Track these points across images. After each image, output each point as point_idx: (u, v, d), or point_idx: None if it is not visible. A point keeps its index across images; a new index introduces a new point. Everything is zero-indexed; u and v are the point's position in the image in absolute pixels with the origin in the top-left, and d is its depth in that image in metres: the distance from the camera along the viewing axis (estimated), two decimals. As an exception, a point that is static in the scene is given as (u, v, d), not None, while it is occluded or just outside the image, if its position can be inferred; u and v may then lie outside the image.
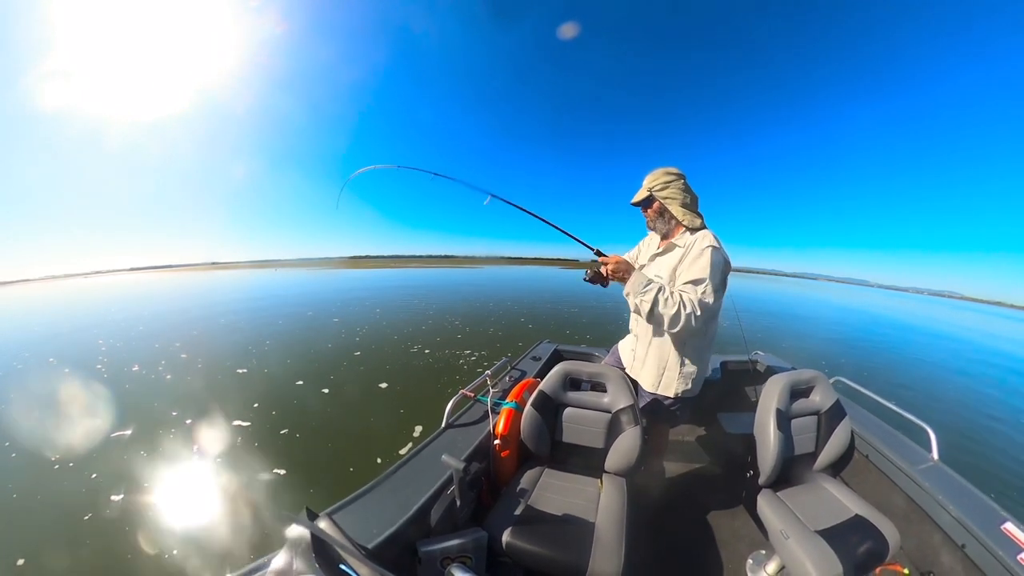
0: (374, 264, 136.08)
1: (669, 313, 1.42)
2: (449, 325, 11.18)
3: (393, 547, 1.09)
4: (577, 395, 1.82)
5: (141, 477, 3.78)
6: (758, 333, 12.49)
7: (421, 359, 7.63)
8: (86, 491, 3.62)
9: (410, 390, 5.91)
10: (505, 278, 38.11)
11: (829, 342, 12.34)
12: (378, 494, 1.24)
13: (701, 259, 1.50)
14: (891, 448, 1.76)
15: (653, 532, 1.92)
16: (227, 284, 36.88)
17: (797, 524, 1.45)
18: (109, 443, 4.53)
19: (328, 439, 4.43)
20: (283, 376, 6.66)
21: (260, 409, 5.23)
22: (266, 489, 3.52)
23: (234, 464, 3.97)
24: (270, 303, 18.08)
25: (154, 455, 4.21)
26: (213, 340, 10.27)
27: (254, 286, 31.38)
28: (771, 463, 1.59)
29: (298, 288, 27.20)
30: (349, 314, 13.68)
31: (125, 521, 3.20)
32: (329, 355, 7.97)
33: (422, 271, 57.10)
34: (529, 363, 2.57)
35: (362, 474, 3.72)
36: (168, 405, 5.53)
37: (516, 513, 1.46)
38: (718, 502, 2.14)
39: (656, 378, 1.75)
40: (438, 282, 31.11)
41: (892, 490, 1.68)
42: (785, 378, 1.75)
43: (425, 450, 1.51)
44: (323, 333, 10.37)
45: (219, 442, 4.40)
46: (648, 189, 1.65)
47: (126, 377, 7.17)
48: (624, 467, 1.68)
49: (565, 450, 1.80)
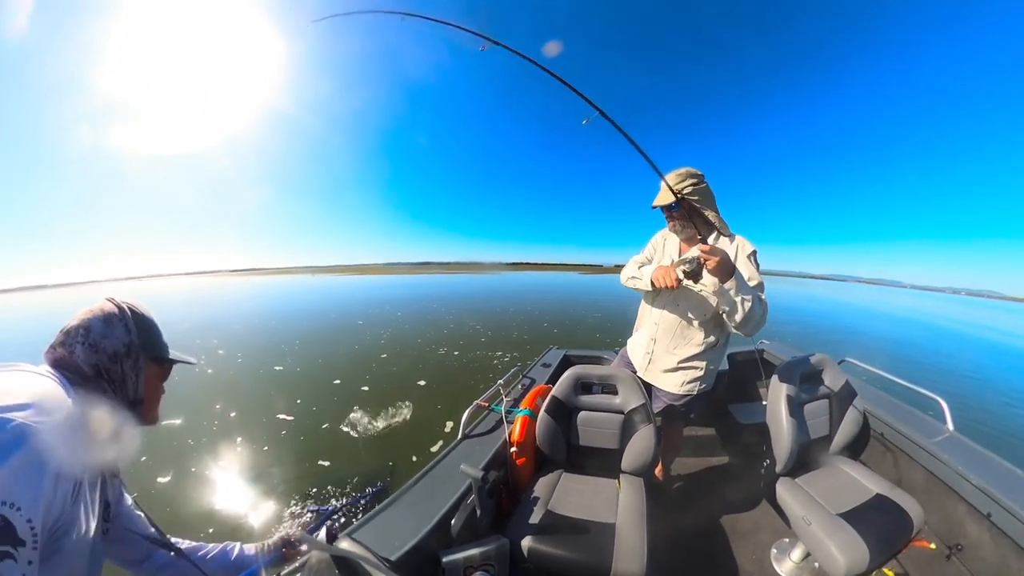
0: (402, 271, 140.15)
1: (760, 313, 1.43)
2: (471, 329, 11.32)
3: (416, 558, 1.10)
4: (589, 398, 1.84)
5: (188, 463, 4.02)
6: None
7: (452, 360, 7.79)
8: (135, 472, 3.87)
9: (449, 387, 6.03)
10: (522, 284, 38.55)
11: (835, 329, 12.75)
12: (398, 508, 1.26)
13: (751, 266, 1.54)
14: (905, 423, 1.74)
15: (674, 529, 1.91)
16: (263, 288, 39.70)
17: (818, 509, 1.44)
18: (159, 430, 4.78)
19: (376, 432, 4.56)
20: (319, 374, 6.92)
21: (302, 405, 5.47)
22: (312, 479, 3.64)
23: (279, 454, 4.14)
24: (300, 306, 19.79)
25: (200, 443, 4.46)
26: (249, 338, 11.04)
27: (287, 290, 33.81)
28: (787, 450, 1.59)
29: (326, 292, 28.94)
30: (373, 317, 14.27)
31: (167, 502, 3.41)
32: (358, 356, 8.24)
33: (441, 278, 57.85)
34: (540, 370, 2.60)
35: (409, 467, 3.82)
36: (211, 398, 5.86)
37: (536, 519, 1.47)
38: (737, 494, 2.13)
39: (679, 378, 1.74)
40: (455, 289, 31.61)
41: (911, 465, 1.66)
42: (793, 364, 1.76)
43: (443, 461, 1.53)
44: (350, 335, 10.81)
45: (264, 434, 4.62)
46: (676, 192, 1.52)
47: (173, 370, 7.77)
48: (640, 466, 1.69)
49: (581, 453, 1.82)
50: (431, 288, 32.30)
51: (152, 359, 0.79)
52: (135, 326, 0.77)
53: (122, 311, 0.76)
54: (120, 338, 0.74)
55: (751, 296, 1.42)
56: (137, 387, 0.76)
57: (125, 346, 0.74)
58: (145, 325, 0.79)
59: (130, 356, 0.74)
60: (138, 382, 0.76)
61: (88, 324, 0.72)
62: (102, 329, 0.72)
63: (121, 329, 0.74)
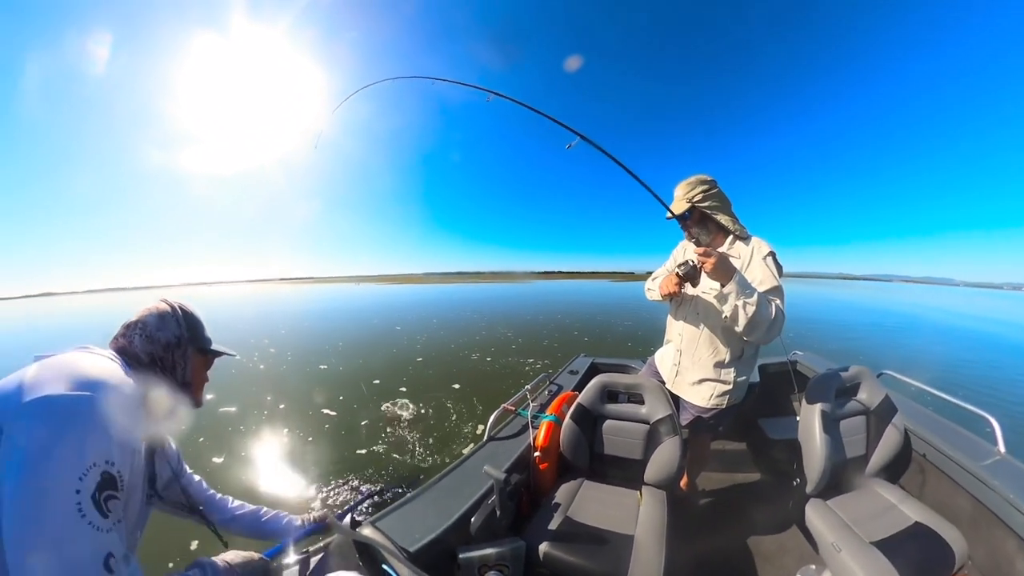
0: (438, 280, 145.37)
1: (769, 318, 1.35)
2: (502, 336, 11.46)
3: (433, 552, 1.13)
4: (615, 407, 1.83)
5: (240, 447, 4.41)
6: (788, 334, 11.34)
7: (484, 365, 7.95)
8: (192, 452, 4.26)
9: (482, 391, 6.17)
10: (552, 292, 38.52)
11: (871, 338, 11.72)
12: (422, 502, 1.30)
13: (769, 268, 1.48)
14: (950, 444, 1.60)
15: (694, 546, 1.84)
16: (310, 295, 42.96)
17: (850, 535, 1.37)
18: (217, 416, 5.37)
19: (411, 430, 4.78)
20: (360, 374, 7.33)
21: (344, 402, 5.82)
22: (349, 469, 3.85)
23: (321, 445, 4.43)
24: (343, 312, 21.11)
25: (251, 430, 4.88)
26: (297, 339, 12.11)
27: (332, 297, 36.36)
28: (819, 469, 1.52)
29: (368, 299, 30.71)
30: (409, 323, 14.94)
31: (218, 480, 3.68)
32: (396, 359, 8.62)
33: (474, 286, 59.27)
34: (567, 377, 2.60)
35: (436, 465, 3.95)
36: (263, 390, 6.43)
37: (554, 524, 1.48)
38: (763, 513, 2.02)
39: (706, 391, 1.68)
40: (488, 296, 32.15)
41: (955, 491, 1.52)
42: (828, 377, 1.69)
43: (468, 461, 1.56)
44: (388, 339, 11.41)
45: (308, 425, 5.00)
46: (687, 200, 1.55)
47: (230, 364, 8.54)
48: (664, 479, 1.66)
49: (604, 462, 1.81)
50: (464, 296, 33.18)
51: (198, 350, 0.93)
52: (184, 322, 0.90)
53: (174, 309, 0.90)
54: (172, 331, 0.87)
55: (755, 299, 1.33)
56: (185, 373, 0.89)
57: (176, 338, 0.87)
58: (192, 322, 0.93)
59: (180, 347, 0.88)
60: (186, 369, 0.89)
61: (145, 319, 0.86)
62: (157, 323, 0.86)
63: (173, 324, 0.88)
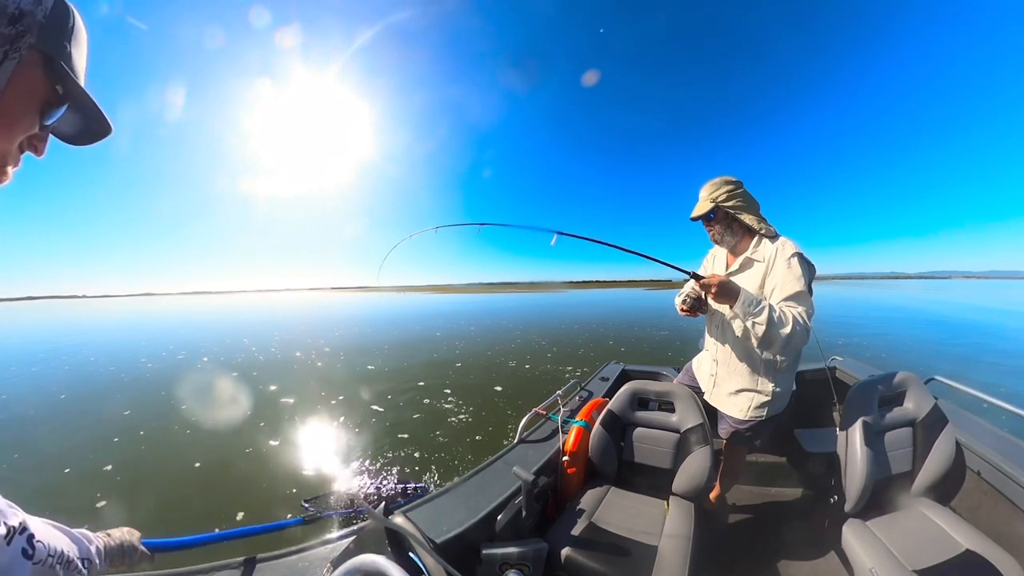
0: (477, 291, 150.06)
1: (785, 332, 1.31)
2: (537, 345, 11.63)
3: (458, 545, 1.16)
4: (645, 414, 1.81)
5: (294, 434, 4.95)
6: (826, 337, 10.08)
7: (523, 371, 8.15)
8: (252, 434, 4.95)
9: (517, 397, 6.37)
10: (587, 301, 38.68)
11: (919, 341, 10.85)
12: (451, 497, 1.36)
13: (792, 270, 1.41)
14: (1009, 460, 1.43)
15: (720, 562, 1.76)
16: (359, 302, 49.24)
17: (891, 561, 1.26)
18: (277, 405, 6.11)
19: (453, 429, 5.01)
20: (405, 375, 7.85)
21: (391, 400, 6.26)
22: (392, 462, 4.13)
23: (368, 437, 4.82)
24: (389, 319, 23.32)
25: (306, 420, 5.44)
26: (349, 341, 13.54)
27: (379, 305, 41.87)
28: (859, 486, 1.43)
29: (411, 308, 33.71)
30: (449, 330, 15.80)
31: (271, 460, 4.26)
32: (436, 363, 9.10)
33: (511, 296, 60.85)
34: (598, 383, 2.60)
35: (469, 463, 4.12)
36: (320, 385, 7.17)
37: (578, 529, 1.49)
38: (796, 532, 1.90)
39: (744, 402, 1.62)
40: (523, 306, 32.80)
41: (1014, 515, 1.36)
42: (870, 384, 1.58)
43: (497, 461, 1.61)
44: (429, 344, 12.25)
45: (357, 419, 5.47)
46: (711, 201, 1.54)
47: (291, 360, 9.78)
48: (692, 489, 1.62)
49: (632, 470, 1.79)
50: (501, 305, 34.32)
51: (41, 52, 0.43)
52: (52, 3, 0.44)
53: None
54: None
55: (764, 317, 1.30)
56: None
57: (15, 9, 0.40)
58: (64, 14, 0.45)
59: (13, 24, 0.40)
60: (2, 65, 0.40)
61: None
62: None
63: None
